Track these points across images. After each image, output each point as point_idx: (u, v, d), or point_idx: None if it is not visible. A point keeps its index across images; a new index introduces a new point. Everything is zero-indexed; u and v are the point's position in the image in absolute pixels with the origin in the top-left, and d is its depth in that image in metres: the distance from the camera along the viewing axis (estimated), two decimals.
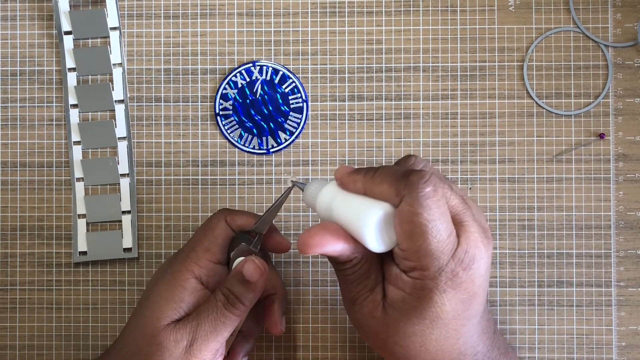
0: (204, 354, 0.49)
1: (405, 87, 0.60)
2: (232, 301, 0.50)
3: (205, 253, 0.52)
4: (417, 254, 0.44)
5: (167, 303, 0.50)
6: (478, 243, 0.45)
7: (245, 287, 0.50)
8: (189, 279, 0.51)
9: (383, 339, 0.47)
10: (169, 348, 0.49)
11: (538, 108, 0.59)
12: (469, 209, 0.46)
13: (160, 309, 0.50)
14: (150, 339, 0.49)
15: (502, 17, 0.60)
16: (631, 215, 0.59)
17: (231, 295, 0.50)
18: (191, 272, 0.51)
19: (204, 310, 0.50)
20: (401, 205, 0.44)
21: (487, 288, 0.47)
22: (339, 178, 0.47)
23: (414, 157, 0.48)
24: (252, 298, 0.50)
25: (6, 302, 0.60)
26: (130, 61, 0.60)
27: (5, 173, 0.60)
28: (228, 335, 0.50)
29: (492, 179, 0.59)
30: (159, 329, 0.49)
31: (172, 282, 0.51)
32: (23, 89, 0.60)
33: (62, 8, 0.60)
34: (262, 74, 0.60)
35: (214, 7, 0.60)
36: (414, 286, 0.45)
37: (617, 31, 0.59)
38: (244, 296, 0.50)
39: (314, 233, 0.46)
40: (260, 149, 0.60)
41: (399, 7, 0.60)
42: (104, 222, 0.60)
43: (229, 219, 0.53)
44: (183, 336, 0.49)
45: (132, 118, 0.60)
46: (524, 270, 0.59)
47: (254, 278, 0.50)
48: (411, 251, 0.44)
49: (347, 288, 0.48)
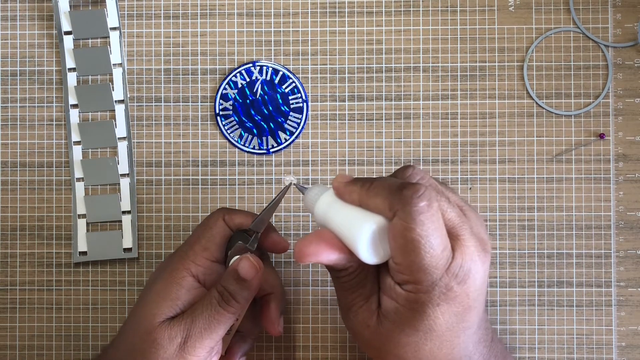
0: (198, 351, 0.49)
1: (405, 87, 0.60)
2: (226, 299, 0.50)
3: (203, 251, 0.52)
4: (410, 269, 0.44)
5: (163, 300, 0.50)
6: (474, 256, 0.45)
7: (240, 285, 0.50)
8: (186, 276, 0.51)
9: (377, 348, 0.47)
10: (164, 345, 0.49)
11: (538, 108, 0.59)
12: (467, 221, 0.46)
13: (156, 306, 0.50)
14: (146, 336, 0.49)
15: (502, 17, 0.60)
16: (631, 216, 0.59)
17: (226, 293, 0.50)
18: (188, 270, 0.51)
19: (198, 308, 0.50)
20: (394, 220, 0.44)
21: (483, 300, 0.47)
22: (336, 187, 0.47)
23: (411, 168, 0.47)
24: (247, 296, 0.50)
25: (6, 302, 0.60)
26: (130, 61, 0.60)
27: (5, 173, 0.60)
28: (223, 333, 0.50)
29: (492, 179, 0.59)
30: (154, 326, 0.49)
31: (169, 279, 0.51)
32: (23, 89, 0.60)
33: (62, 8, 0.60)
34: (262, 74, 0.60)
35: (214, 7, 0.60)
36: (408, 299, 0.45)
37: (617, 31, 0.59)
38: (238, 294, 0.50)
39: (309, 242, 0.46)
40: (260, 149, 0.60)
41: (399, 7, 0.60)
42: (104, 222, 0.60)
43: (227, 217, 0.53)
44: (177, 333, 0.49)
45: (132, 118, 0.60)
46: (524, 270, 0.59)
47: (249, 276, 0.50)
48: (404, 265, 0.44)
49: (342, 295, 0.48)
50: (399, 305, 0.45)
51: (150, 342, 0.49)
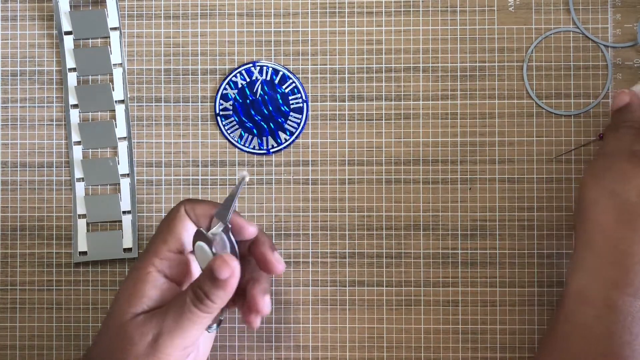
0: (169, 350, 0.48)
1: (405, 87, 0.60)
2: (200, 297, 0.48)
3: (163, 244, 0.51)
4: None
5: (131, 296, 0.50)
6: None
7: (214, 284, 0.48)
8: (151, 272, 0.50)
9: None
10: (135, 341, 0.48)
11: (538, 108, 0.60)
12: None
13: (126, 302, 0.50)
14: (119, 331, 0.49)
15: (502, 18, 0.60)
16: None
17: (200, 292, 0.48)
18: (152, 264, 0.50)
19: (171, 305, 0.49)
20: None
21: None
22: None
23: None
24: (222, 296, 0.49)
25: (6, 302, 0.60)
26: (130, 61, 0.60)
27: (5, 173, 0.60)
28: (199, 333, 0.49)
29: (492, 179, 0.59)
30: (125, 321, 0.49)
31: (135, 276, 0.50)
32: (23, 89, 0.60)
33: (63, 8, 0.60)
34: (262, 74, 0.60)
35: (214, 7, 0.60)
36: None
37: (616, 32, 0.60)
38: (212, 293, 0.48)
39: None
40: (260, 149, 0.60)
41: (399, 7, 0.60)
42: (104, 222, 0.60)
43: (187, 207, 0.51)
44: (149, 330, 0.48)
45: (132, 118, 0.60)
46: (524, 270, 0.59)
47: (223, 275, 0.48)
48: None
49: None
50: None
51: (122, 337, 0.49)
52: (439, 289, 0.59)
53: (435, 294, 0.59)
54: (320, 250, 0.59)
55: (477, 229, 0.59)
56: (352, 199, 0.59)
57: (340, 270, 0.59)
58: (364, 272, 0.59)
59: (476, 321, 0.59)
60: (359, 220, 0.59)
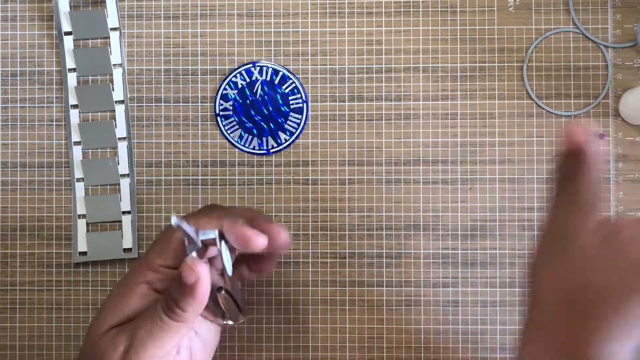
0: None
1: (405, 87, 0.60)
2: (170, 306, 0.46)
3: (158, 257, 0.49)
4: None
5: (109, 308, 0.48)
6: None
7: (183, 291, 0.46)
8: (140, 284, 0.49)
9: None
10: (108, 354, 0.47)
11: (538, 108, 0.60)
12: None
13: (101, 315, 0.49)
14: (94, 344, 0.48)
15: (502, 18, 0.60)
16: (631, 216, 0.59)
17: (169, 300, 0.47)
18: (143, 276, 0.49)
19: (143, 315, 0.47)
20: None
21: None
22: None
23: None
24: (193, 303, 0.46)
25: (6, 302, 0.60)
26: (130, 61, 0.60)
27: (5, 173, 0.60)
28: (174, 342, 0.48)
29: (492, 179, 0.59)
30: (99, 335, 0.48)
31: (124, 285, 0.49)
32: (23, 89, 0.60)
33: (62, 8, 0.60)
34: (262, 75, 0.60)
35: (214, 8, 0.60)
36: None
37: (616, 32, 0.60)
38: (182, 300, 0.46)
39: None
40: (260, 150, 0.60)
41: (398, 7, 0.60)
42: (104, 222, 0.60)
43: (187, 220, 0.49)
44: (121, 341, 0.47)
45: (132, 118, 0.60)
46: (524, 270, 0.59)
47: (188, 280, 0.46)
48: None
49: None
50: None
51: (96, 350, 0.48)
52: (439, 289, 0.59)
53: (435, 294, 0.59)
54: (320, 251, 0.59)
55: (477, 229, 0.59)
56: (352, 199, 0.59)
57: (340, 270, 0.59)
58: (364, 272, 0.59)
59: (476, 321, 0.59)
60: (359, 221, 0.59)
